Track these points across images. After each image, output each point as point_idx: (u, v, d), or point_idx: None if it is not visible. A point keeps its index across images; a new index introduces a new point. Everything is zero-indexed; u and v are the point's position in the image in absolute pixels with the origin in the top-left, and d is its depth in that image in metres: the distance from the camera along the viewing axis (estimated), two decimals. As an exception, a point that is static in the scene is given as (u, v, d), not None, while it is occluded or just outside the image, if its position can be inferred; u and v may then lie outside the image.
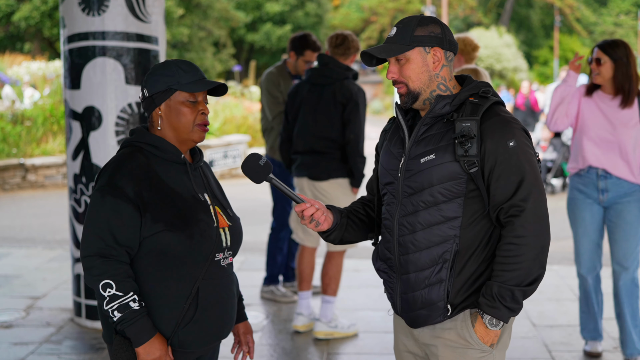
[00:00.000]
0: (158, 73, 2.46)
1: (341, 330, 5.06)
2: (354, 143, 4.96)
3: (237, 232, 2.54)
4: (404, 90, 2.43)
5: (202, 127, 2.46)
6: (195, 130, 2.45)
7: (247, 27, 43.15)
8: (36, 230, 9.22)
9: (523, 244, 2.28)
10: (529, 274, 2.29)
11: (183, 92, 2.43)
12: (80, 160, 5.12)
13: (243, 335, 2.68)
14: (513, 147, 2.31)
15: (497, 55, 42.90)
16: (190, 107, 2.44)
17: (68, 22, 5.10)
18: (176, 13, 32.53)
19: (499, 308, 2.30)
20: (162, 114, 2.45)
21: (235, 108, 17.22)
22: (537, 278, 2.31)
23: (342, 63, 5.05)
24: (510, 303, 2.29)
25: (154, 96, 2.45)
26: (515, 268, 2.28)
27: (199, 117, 2.45)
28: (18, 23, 29.20)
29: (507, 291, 2.28)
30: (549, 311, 5.66)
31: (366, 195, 2.71)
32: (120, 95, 5.04)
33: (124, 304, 2.31)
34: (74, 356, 4.74)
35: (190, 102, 2.44)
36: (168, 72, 2.44)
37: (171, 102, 2.44)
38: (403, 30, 2.41)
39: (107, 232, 2.33)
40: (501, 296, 2.29)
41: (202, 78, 2.46)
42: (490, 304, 2.30)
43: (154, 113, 2.47)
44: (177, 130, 2.45)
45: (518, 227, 2.29)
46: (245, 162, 2.45)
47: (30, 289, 6.25)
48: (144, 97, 2.47)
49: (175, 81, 2.43)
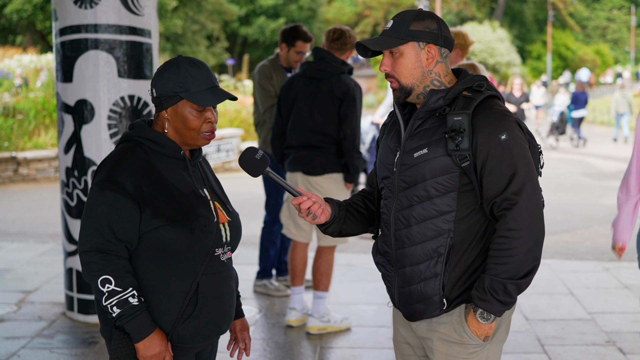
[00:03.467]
0: (167, 75, 2.39)
1: (334, 324, 5.06)
2: (351, 138, 4.94)
3: (237, 227, 2.53)
4: (396, 85, 2.42)
5: (208, 136, 2.42)
6: (200, 138, 2.42)
7: (241, 20, 43.09)
8: (28, 224, 9.18)
9: (515, 237, 2.27)
10: (522, 267, 2.28)
11: (190, 102, 2.37)
12: (73, 154, 5.09)
13: (240, 332, 2.66)
14: (505, 140, 2.30)
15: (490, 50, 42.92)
16: (197, 117, 2.39)
17: (60, 15, 5.07)
18: (170, 5, 32.44)
19: (490, 302, 2.29)
20: (169, 117, 2.41)
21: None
22: (531, 271, 2.30)
23: (338, 58, 5.03)
24: (503, 296, 2.29)
25: (161, 98, 2.40)
26: (507, 261, 2.28)
27: (205, 125, 2.40)
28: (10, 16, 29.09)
29: (499, 284, 2.28)
30: (541, 305, 5.68)
31: (367, 188, 2.71)
32: (113, 88, 5.01)
33: (123, 299, 2.29)
34: (66, 350, 4.72)
35: (197, 111, 2.39)
36: (178, 76, 2.37)
37: (178, 109, 2.39)
38: (399, 24, 2.40)
39: (106, 227, 2.31)
40: (493, 289, 2.28)
41: (212, 86, 2.39)
42: (482, 297, 2.30)
43: (161, 114, 2.43)
44: (182, 135, 2.42)
45: (510, 221, 2.28)
46: (242, 156, 2.44)
47: (22, 283, 6.22)
48: (153, 95, 2.43)
49: (183, 89, 2.36)
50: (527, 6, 57.38)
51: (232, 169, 14.67)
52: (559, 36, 56.14)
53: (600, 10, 64.82)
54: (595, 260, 7.13)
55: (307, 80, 5.03)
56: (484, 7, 56.01)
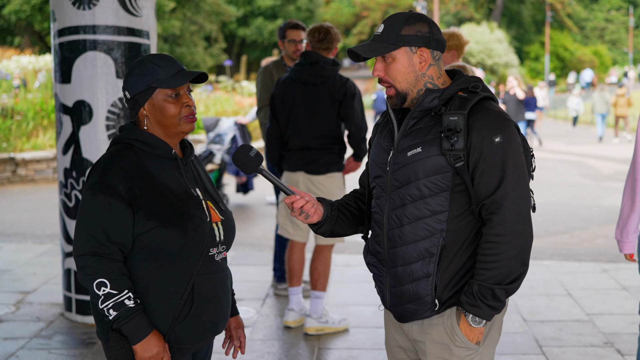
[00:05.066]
0: (135, 73, 2.43)
1: (332, 325, 5.06)
2: (357, 134, 5.07)
3: (230, 226, 2.53)
4: (393, 92, 2.42)
5: (189, 119, 2.45)
6: (182, 123, 2.44)
7: (239, 21, 43.10)
8: (26, 224, 9.18)
9: (502, 243, 2.27)
10: (510, 273, 2.28)
11: (163, 88, 2.40)
12: (71, 155, 5.09)
13: (234, 330, 2.67)
14: (499, 143, 2.29)
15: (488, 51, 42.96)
16: (173, 102, 2.42)
17: (58, 16, 5.07)
18: (168, 6, 32.43)
19: (480, 307, 2.29)
20: (147, 113, 2.43)
21: (226, 103, 17.21)
22: (519, 276, 2.30)
23: (328, 58, 5.04)
24: (492, 301, 2.29)
25: (136, 97, 2.42)
26: (494, 267, 2.27)
27: (184, 109, 2.43)
28: (8, 17, 29.08)
29: (488, 290, 2.28)
30: (539, 306, 5.68)
31: (358, 188, 2.71)
32: (111, 89, 5.01)
33: (119, 302, 2.30)
34: (64, 351, 4.72)
35: (172, 97, 2.41)
36: (145, 70, 2.41)
37: (154, 101, 2.41)
38: (390, 29, 2.39)
39: (99, 230, 2.32)
40: (482, 295, 2.28)
41: (180, 70, 2.43)
42: (472, 302, 2.30)
43: (139, 113, 2.45)
44: (164, 126, 2.43)
45: (496, 225, 2.27)
46: (236, 153, 2.45)
47: (20, 284, 6.22)
48: (127, 99, 2.46)
49: (153, 79, 2.40)
50: (525, 7, 57.42)
51: (230, 170, 14.65)
52: (557, 37, 56.19)
53: (598, 11, 64.89)
54: (594, 262, 7.13)
55: (303, 86, 5.02)
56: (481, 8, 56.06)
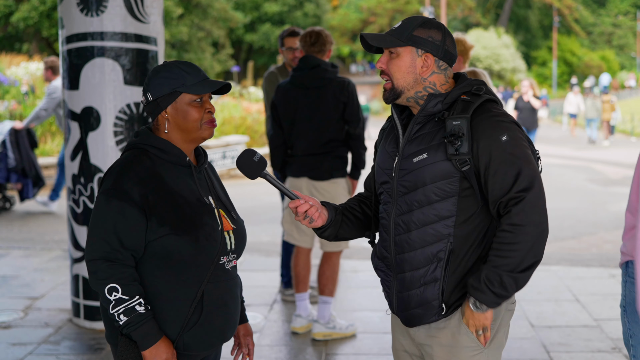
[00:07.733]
0: (161, 76, 2.43)
1: (339, 330, 5.06)
2: (360, 137, 5.07)
3: (241, 235, 2.54)
4: (389, 86, 2.44)
5: (210, 124, 2.46)
6: (203, 128, 2.45)
7: (246, 27, 43.18)
8: (35, 230, 9.21)
9: (519, 232, 2.27)
10: (522, 262, 2.28)
11: (189, 94, 2.42)
12: (79, 161, 5.11)
13: (243, 337, 2.68)
14: (506, 141, 2.30)
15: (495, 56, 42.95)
16: (197, 107, 2.43)
17: (67, 23, 5.10)
18: (175, 13, 32.52)
19: (484, 291, 2.29)
20: (169, 117, 2.43)
21: (233, 109, 17.23)
22: (531, 266, 2.29)
23: (327, 62, 5.07)
24: (498, 288, 2.28)
25: (159, 100, 2.43)
26: (508, 255, 2.27)
27: (205, 115, 2.45)
28: (17, 23, 29.19)
29: (496, 276, 2.28)
30: (547, 312, 5.67)
31: (363, 192, 2.72)
32: (119, 95, 5.04)
33: (130, 307, 2.31)
34: (72, 357, 4.74)
35: (197, 102, 2.43)
36: (172, 74, 2.42)
37: (177, 105, 2.42)
38: (404, 26, 2.43)
39: (112, 235, 2.33)
40: (489, 280, 2.28)
41: (205, 78, 2.45)
42: (476, 286, 2.30)
43: (159, 116, 2.45)
44: (185, 131, 2.44)
45: (514, 216, 2.28)
46: (240, 158, 2.46)
47: (29, 290, 6.24)
48: (148, 101, 2.45)
49: (180, 83, 2.41)
50: (532, 12, 57.39)
51: (238, 176, 14.68)
52: (565, 42, 56.13)
53: (605, 16, 64.78)
54: (601, 267, 7.11)
55: (305, 90, 5.02)
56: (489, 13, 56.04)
